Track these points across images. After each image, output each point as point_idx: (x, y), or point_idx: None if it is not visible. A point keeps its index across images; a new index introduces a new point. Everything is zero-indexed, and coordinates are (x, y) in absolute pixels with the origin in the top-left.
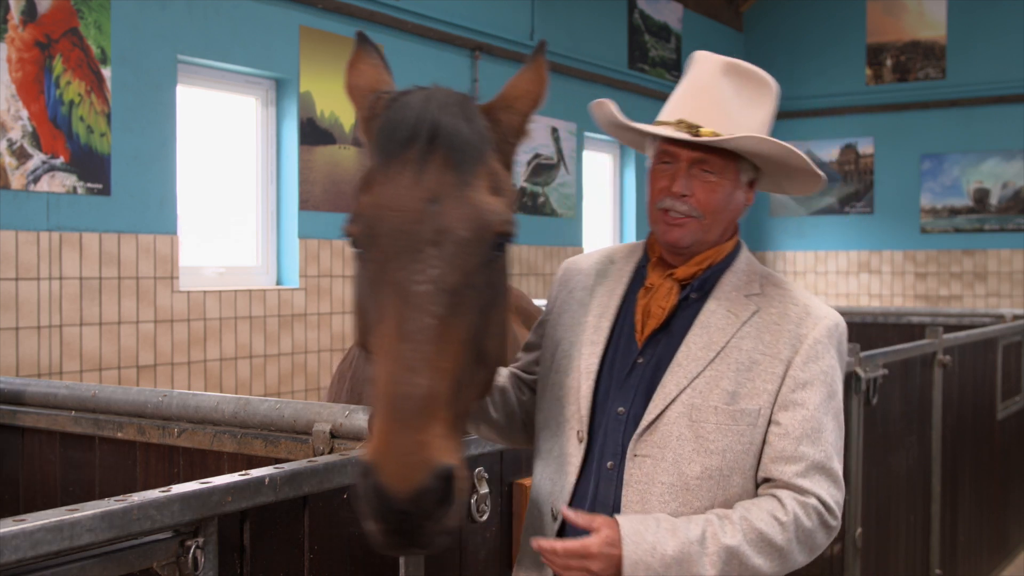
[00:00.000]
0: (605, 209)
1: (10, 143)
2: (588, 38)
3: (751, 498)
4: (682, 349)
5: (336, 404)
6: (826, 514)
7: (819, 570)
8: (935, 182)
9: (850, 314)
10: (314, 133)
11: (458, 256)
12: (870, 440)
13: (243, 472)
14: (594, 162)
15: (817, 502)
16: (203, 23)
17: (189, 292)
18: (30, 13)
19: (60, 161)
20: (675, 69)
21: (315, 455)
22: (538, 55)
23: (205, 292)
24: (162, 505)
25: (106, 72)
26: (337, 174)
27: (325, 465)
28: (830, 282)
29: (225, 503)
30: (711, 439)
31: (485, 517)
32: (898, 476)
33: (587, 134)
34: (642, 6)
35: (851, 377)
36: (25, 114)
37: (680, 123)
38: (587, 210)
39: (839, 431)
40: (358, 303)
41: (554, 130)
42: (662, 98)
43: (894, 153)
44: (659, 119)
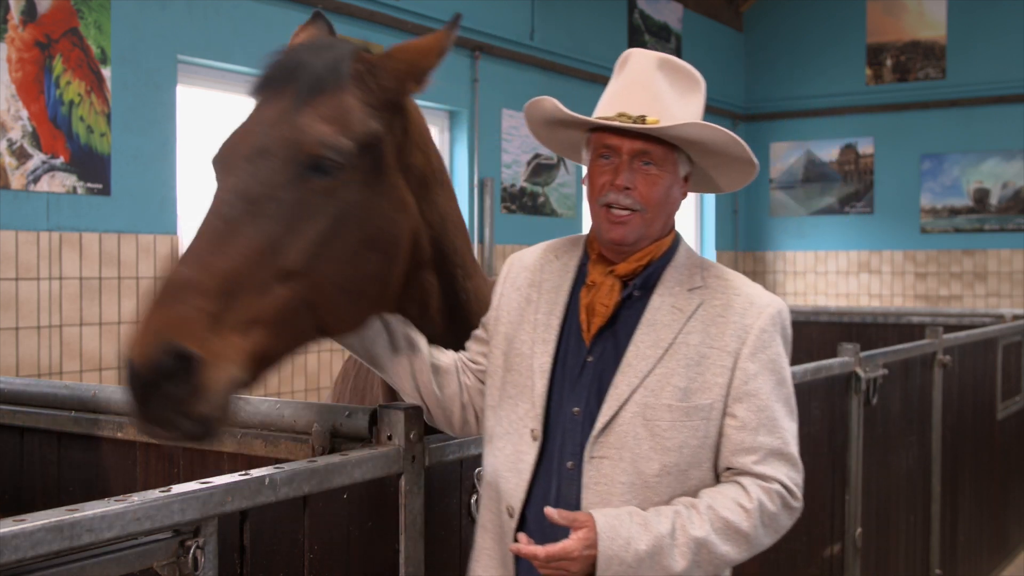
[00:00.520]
0: None
1: (10, 143)
2: (588, 38)
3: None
4: (631, 348)
5: (336, 404)
6: (788, 496)
7: (819, 570)
8: (935, 182)
9: (850, 314)
10: None
11: (262, 170)
12: (870, 440)
13: (243, 472)
14: None
15: (780, 486)
16: (203, 23)
17: None
18: (30, 13)
19: (60, 161)
20: None
21: (315, 455)
22: (447, 27)
23: None
24: (162, 505)
25: (106, 72)
26: None
27: (325, 465)
28: (830, 282)
29: (225, 503)
30: (667, 436)
31: None
32: (898, 476)
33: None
34: (642, 6)
35: (851, 377)
36: (25, 114)
37: (622, 116)
38: (587, 210)
39: (792, 415)
40: None
41: None
42: None
43: (894, 153)
44: (597, 115)
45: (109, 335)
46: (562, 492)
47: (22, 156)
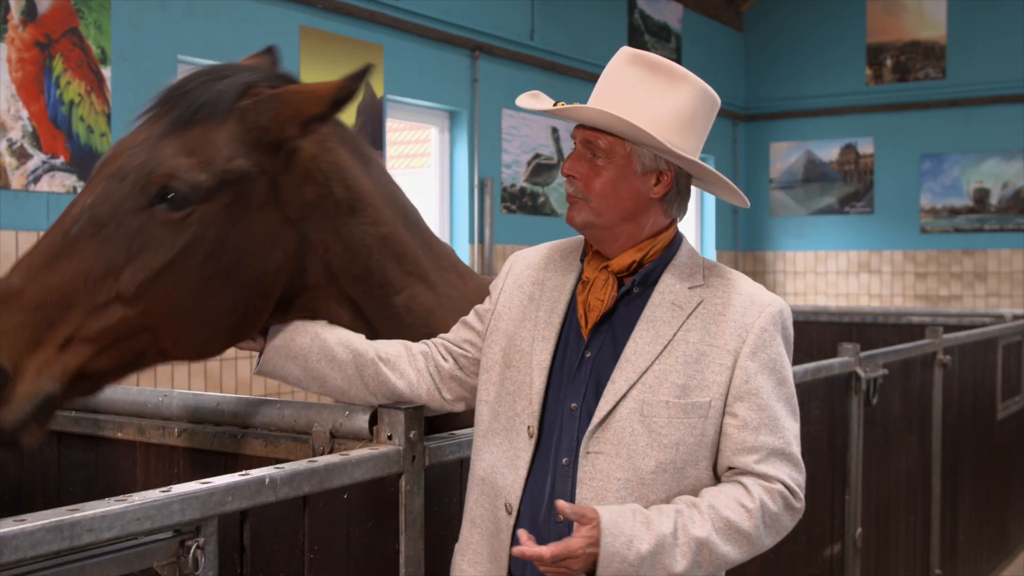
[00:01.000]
0: None
1: (10, 143)
2: (588, 38)
3: (706, 487)
4: (629, 344)
5: (336, 404)
6: (791, 497)
7: (819, 570)
8: (935, 182)
9: (850, 314)
10: None
11: (114, 193)
12: (870, 440)
13: (243, 472)
14: None
15: (782, 487)
16: (203, 23)
17: None
18: (30, 13)
19: (60, 161)
20: None
21: (315, 455)
22: (348, 78)
23: None
24: (162, 505)
25: (106, 72)
26: None
27: (325, 465)
28: (830, 282)
29: (225, 503)
30: (664, 433)
31: None
32: (898, 476)
33: None
34: (642, 6)
35: (851, 377)
36: (25, 114)
37: (559, 103)
38: None
39: (794, 415)
40: None
41: (554, 130)
42: None
43: (894, 153)
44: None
45: None
46: (556, 488)
47: (22, 156)
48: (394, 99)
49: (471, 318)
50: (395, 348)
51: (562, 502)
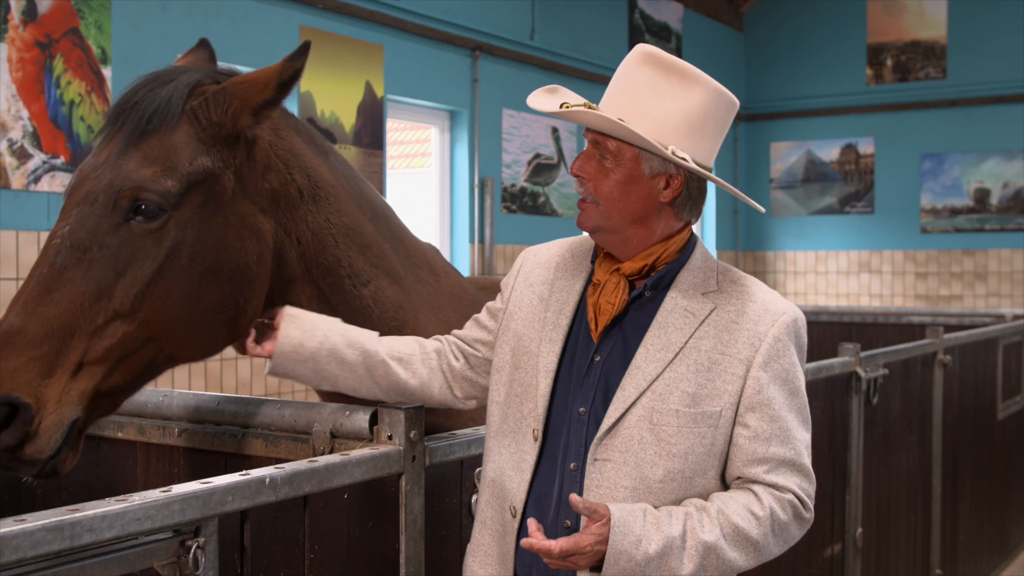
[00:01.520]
0: None
1: (10, 143)
2: (588, 38)
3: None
4: (640, 350)
5: (336, 404)
6: (800, 507)
7: (819, 570)
8: (935, 182)
9: (850, 314)
10: None
11: (88, 217)
12: (870, 440)
13: (243, 472)
14: None
15: (792, 496)
16: (203, 23)
17: None
18: (30, 13)
19: (60, 161)
20: None
21: (315, 455)
22: (288, 57)
23: None
24: (162, 505)
25: (107, 72)
26: None
27: (325, 465)
28: (830, 282)
29: (225, 503)
30: (673, 442)
31: None
32: (898, 476)
33: None
34: (642, 6)
35: (851, 377)
36: (25, 114)
37: (587, 106)
38: None
39: (805, 426)
40: None
41: (554, 130)
42: None
43: (894, 153)
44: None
45: None
46: (564, 493)
47: (22, 156)
48: (394, 99)
49: (483, 316)
50: (408, 346)
51: (575, 496)
